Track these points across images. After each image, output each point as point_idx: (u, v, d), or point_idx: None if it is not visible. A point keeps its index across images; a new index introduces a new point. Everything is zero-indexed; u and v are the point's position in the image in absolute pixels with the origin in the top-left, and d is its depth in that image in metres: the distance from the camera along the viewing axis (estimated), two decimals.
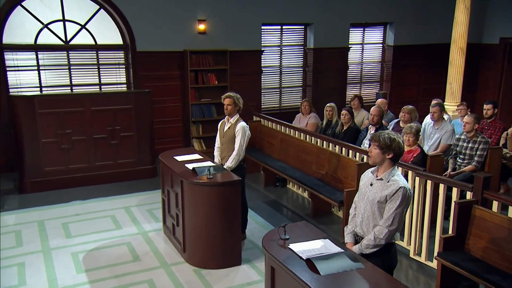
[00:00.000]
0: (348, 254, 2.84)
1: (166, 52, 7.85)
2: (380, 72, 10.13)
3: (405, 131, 5.44)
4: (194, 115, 8.13)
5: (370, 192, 3.00)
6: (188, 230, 4.53)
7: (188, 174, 4.48)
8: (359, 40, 9.76)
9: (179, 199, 4.57)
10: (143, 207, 6.02)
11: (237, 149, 4.83)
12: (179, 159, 4.97)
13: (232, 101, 4.87)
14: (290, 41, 9.13)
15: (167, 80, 7.98)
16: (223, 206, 4.34)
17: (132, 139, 6.98)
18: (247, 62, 8.53)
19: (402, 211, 2.90)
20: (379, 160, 2.96)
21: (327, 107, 6.94)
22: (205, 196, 4.34)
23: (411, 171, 4.57)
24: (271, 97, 9.17)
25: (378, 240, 2.92)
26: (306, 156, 6.02)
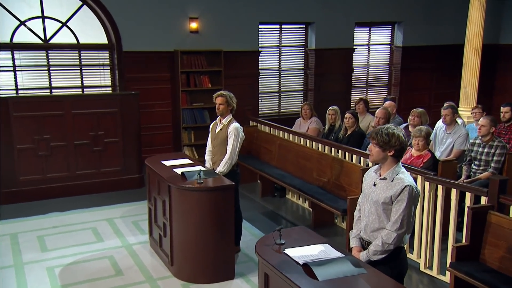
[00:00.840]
0: (349, 259, 2.83)
1: (155, 53, 7.91)
2: (387, 75, 10.20)
3: (414, 134, 5.45)
4: (186, 120, 8.15)
5: (373, 193, 3.00)
6: (176, 241, 4.51)
7: (177, 179, 4.48)
8: (364, 41, 9.85)
9: (167, 207, 4.55)
10: (128, 219, 6.00)
11: (229, 152, 4.84)
12: (167, 164, 4.98)
13: (225, 100, 4.89)
14: (289, 41, 9.21)
15: (156, 82, 8.03)
16: (214, 214, 4.32)
17: (117, 145, 6.99)
18: (243, 64, 8.59)
19: (410, 212, 2.90)
20: (380, 159, 2.97)
21: (329, 111, 6.97)
22: (194, 202, 4.32)
23: (421, 176, 4.57)
24: (269, 102, 9.22)
25: (386, 246, 2.91)
26: (306, 163, 6.02)
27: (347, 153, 5.62)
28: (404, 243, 2.99)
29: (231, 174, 4.81)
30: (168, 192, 4.47)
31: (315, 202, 5.36)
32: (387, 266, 2.88)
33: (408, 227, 2.93)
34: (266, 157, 6.90)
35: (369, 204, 3.04)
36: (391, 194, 2.90)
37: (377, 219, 2.99)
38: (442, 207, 4.43)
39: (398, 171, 2.96)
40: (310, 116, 7.25)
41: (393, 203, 2.91)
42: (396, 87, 10.16)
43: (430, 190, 4.49)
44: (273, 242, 3.07)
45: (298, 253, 2.91)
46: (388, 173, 2.96)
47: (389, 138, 2.90)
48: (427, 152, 5.42)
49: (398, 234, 2.89)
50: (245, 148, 7.38)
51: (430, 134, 5.57)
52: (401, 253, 3.01)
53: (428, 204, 4.54)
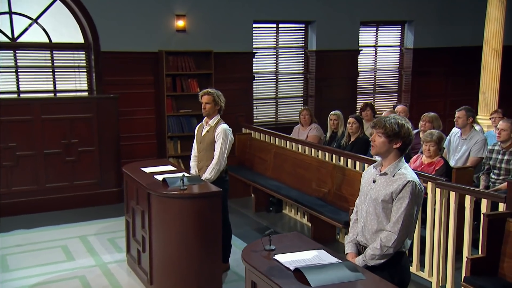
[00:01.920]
0: (346, 264, 2.84)
1: (137, 53, 7.98)
2: (397, 80, 10.29)
3: (424, 139, 5.49)
4: (171, 129, 8.18)
5: (373, 190, 3.02)
6: (156, 256, 4.50)
7: (157, 186, 4.50)
8: (371, 42, 9.96)
9: (146, 218, 4.56)
10: (103, 236, 6.00)
11: (217, 156, 4.86)
12: (148, 171, 5.00)
13: (212, 99, 4.94)
14: (287, 42, 9.30)
15: (138, 86, 8.07)
16: (199, 225, 4.33)
17: (92, 155, 7.01)
18: (236, 67, 8.67)
19: (413, 211, 2.91)
20: (384, 151, 2.99)
21: (331, 116, 7.02)
22: (177, 211, 4.33)
23: (431, 182, 4.59)
24: (265, 109, 9.27)
25: (385, 249, 2.92)
26: (304, 172, 6.05)
27: (350, 159, 5.65)
28: (405, 247, 3.00)
29: (219, 181, 4.83)
30: (148, 200, 4.48)
31: (314, 215, 5.38)
32: (386, 273, 2.88)
33: (410, 228, 2.94)
34: (261, 167, 6.92)
35: (367, 203, 3.06)
36: (392, 191, 2.92)
37: (376, 220, 3.00)
38: (455, 216, 4.44)
39: (400, 166, 2.98)
40: (310, 122, 7.30)
41: (394, 201, 2.93)
42: (406, 94, 10.24)
43: (442, 198, 4.51)
44: (261, 248, 3.07)
45: (290, 258, 2.92)
46: (389, 167, 2.99)
47: (399, 128, 2.94)
48: (440, 159, 5.45)
49: (399, 236, 2.90)
50: (237, 158, 7.42)
51: (443, 139, 5.61)
52: (403, 259, 3.01)
53: (440, 214, 4.55)
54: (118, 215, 6.57)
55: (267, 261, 2.94)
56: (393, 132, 2.93)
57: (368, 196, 3.05)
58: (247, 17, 8.68)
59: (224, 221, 4.87)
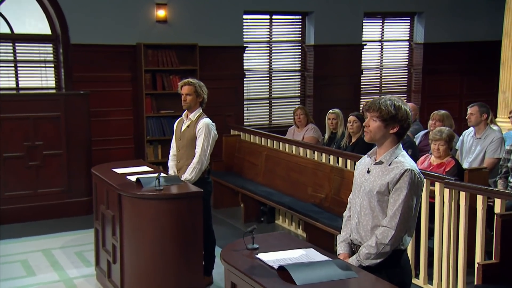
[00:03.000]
0: (337, 262, 2.85)
1: (112, 46, 8.02)
2: (406, 79, 10.37)
3: (432, 137, 5.53)
4: (151, 132, 8.20)
5: (367, 181, 3.05)
6: (129, 267, 4.49)
7: (130, 187, 4.51)
8: (376, 36, 10.04)
9: (117, 223, 4.57)
10: (69, 249, 6.00)
11: (198, 154, 4.89)
12: (120, 172, 5.02)
13: (193, 89, 4.97)
14: (282, 35, 9.38)
15: (113, 84, 8.11)
16: (178, 230, 4.33)
17: (60, 160, 7.02)
18: (224, 63, 8.72)
19: (412, 203, 2.93)
20: (379, 137, 3.01)
21: (329, 114, 7.07)
22: (152, 215, 4.34)
23: (439, 182, 4.62)
24: (257, 111, 9.32)
25: (382, 247, 2.93)
26: (299, 176, 6.08)
27: (349, 160, 5.67)
28: (404, 245, 3.01)
29: (200, 183, 4.85)
30: (119, 203, 4.49)
31: (309, 222, 5.39)
32: (384, 274, 2.89)
33: (409, 223, 2.95)
34: (251, 173, 6.95)
35: (361, 196, 3.08)
36: (388, 181, 2.94)
37: (371, 214, 3.01)
38: (466, 219, 4.46)
39: (397, 153, 3.01)
40: (306, 123, 7.35)
41: (390, 193, 2.95)
42: (416, 94, 10.31)
43: (451, 200, 4.53)
44: (243, 247, 3.09)
45: (274, 257, 2.94)
46: (385, 155, 3.01)
47: (396, 111, 2.95)
48: (450, 159, 5.48)
49: (396, 231, 2.91)
50: (224, 163, 7.45)
51: (454, 138, 5.65)
52: (402, 258, 3.02)
53: (449, 219, 4.57)
54: (88, 227, 6.53)
55: (249, 260, 2.95)
56: (389, 115, 2.95)
57: (362, 188, 3.07)
58: (236, 7, 8.75)
59: (206, 228, 4.88)
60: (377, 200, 2.98)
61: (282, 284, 2.66)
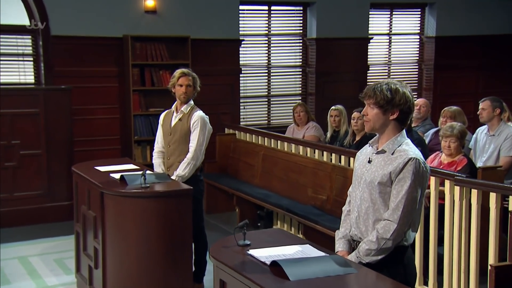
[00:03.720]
0: (335, 258, 2.87)
1: (97, 39, 8.04)
2: (417, 75, 10.40)
3: (443, 133, 5.57)
4: (139, 131, 8.22)
5: (368, 172, 3.07)
6: (112, 272, 4.51)
7: (113, 185, 4.54)
8: (384, 29, 10.09)
9: (99, 225, 4.58)
10: (48, 257, 6.03)
11: (193, 149, 4.92)
12: (103, 170, 5.05)
13: (192, 81, 5.03)
14: (282, 28, 9.43)
15: (97, 79, 8.12)
16: (165, 231, 4.34)
17: (38, 160, 7.03)
18: (219, 57, 8.75)
19: (416, 195, 2.95)
20: (379, 125, 3.04)
21: (332, 111, 7.10)
22: (137, 215, 4.36)
23: (448, 180, 4.64)
24: (255, 110, 9.36)
25: (383, 242, 2.95)
26: (298, 177, 6.10)
27: (352, 158, 5.68)
28: (408, 241, 3.02)
29: (192, 180, 4.88)
30: (101, 202, 4.51)
31: (309, 226, 5.41)
32: (385, 272, 2.89)
33: (413, 216, 2.97)
34: (247, 174, 6.98)
35: (361, 188, 3.10)
36: (391, 170, 2.97)
37: (372, 207, 3.03)
38: (478, 220, 4.47)
39: (401, 141, 3.03)
40: (306, 121, 7.38)
41: (393, 183, 2.96)
42: (428, 92, 10.34)
43: (462, 199, 4.55)
44: (234, 244, 3.11)
45: (267, 253, 2.95)
46: (387, 144, 3.04)
47: (392, 95, 2.98)
48: (462, 157, 5.52)
49: (399, 225, 2.92)
50: (218, 164, 7.49)
51: (466, 134, 5.67)
52: (406, 255, 3.04)
53: (460, 221, 4.59)
54: (69, 233, 6.51)
55: (239, 256, 2.98)
56: (385, 100, 2.97)
57: (363, 179, 3.09)
58: None
59: (198, 231, 4.91)
60: (379, 191, 3.00)
61: (275, 280, 2.67)
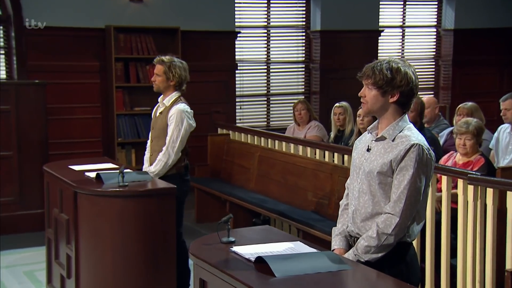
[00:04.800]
0: (328, 254, 2.88)
1: (76, 30, 8.08)
2: (433, 73, 10.43)
3: (457, 129, 5.55)
4: (123, 133, 8.23)
5: (367, 161, 3.08)
6: (86, 281, 4.50)
7: (88, 183, 4.54)
8: (397, 21, 10.14)
9: (72, 229, 4.58)
10: (18, 269, 6.02)
11: (165, 145, 4.95)
12: (78, 169, 5.06)
13: (162, 70, 5.02)
14: (283, 20, 9.47)
15: (76, 75, 8.17)
16: (145, 234, 4.34)
17: (9, 164, 7.02)
18: (212, 51, 8.79)
19: (420, 185, 2.95)
20: (377, 108, 3.05)
21: (336, 109, 7.13)
22: (114, 216, 4.36)
23: (461, 179, 4.64)
24: (252, 110, 9.39)
25: (384, 238, 2.95)
26: (297, 180, 6.11)
27: None
28: (411, 236, 3.02)
29: (176, 180, 4.88)
30: (74, 203, 4.51)
31: (308, 232, 5.41)
32: (386, 271, 2.88)
33: (416, 208, 2.97)
34: (241, 178, 7.00)
35: (360, 179, 3.10)
36: (391, 158, 2.97)
37: (371, 200, 3.03)
38: (493, 223, 4.46)
39: (402, 126, 3.04)
40: (308, 120, 7.40)
41: (394, 173, 2.97)
42: (446, 91, 10.35)
43: (476, 200, 4.55)
44: (217, 241, 3.12)
45: (252, 250, 2.96)
46: (387, 130, 3.05)
47: (392, 75, 2.98)
48: (479, 157, 5.49)
49: (401, 218, 2.92)
50: (210, 169, 7.50)
51: (483, 131, 5.66)
52: (409, 252, 3.04)
53: (474, 222, 4.59)
54: (42, 244, 6.52)
55: (222, 253, 2.99)
56: (385, 81, 2.98)
57: (361, 170, 3.10)
58: None
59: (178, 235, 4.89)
60: (379, 182, 3.00)
61: (259, 277, 2.68)
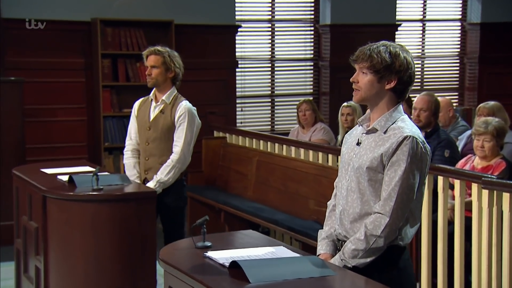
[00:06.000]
0: (311, 259, 2.86)
1: (59, 23, 8.08)
2: (458, 72, 10.40)
3: (476, 130, 5.53)
4: (110, 137, 8.25)
5: (356, 156, 3.08)
6: None
7: (59, 187, 4.57)
8: (416, 14, 10.13)
9: (41, 238, 4.59)
10: None
11: (179, 149, 4.92)
12: (50, 172, 5.09)
13: (161, 61, 5.01)
14: (289, 12, 9.49)
15: (59, 73, 8.17)
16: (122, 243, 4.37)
17: None
18: (210, 47, 8.79)
19: (413, 181, 2.94)
20: (371, 95, 3.06)
21: (344, 109, 7.16)
22: (86, 223, 4.37)
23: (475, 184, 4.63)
24: (255, 112, 9.40)
25: (373, 240, 2.94)
26: (298, 187, 6.10)
27: None
28: (404, 240, 3.01)
29: (175, 186, 4.94)
30: (43, 209, 4.53)
31: (308, 244, 5.39)
32: (377, 277, 2.87)
33: (408, 208, 2.95)
34: (238, 186, 6.99)
35: (348, 176, 3.10)
36: (382, 152, 2.97)
37: (359, 199, 3.03)
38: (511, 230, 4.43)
39: (396, 117, 3.04)
40: (313, 121, 7.40)
41: (385, 168, 2.96)
42: (472, 92, 10.31)
43: (491, 206, 4.54)
44: (192, 246, 3.12)
45: (228, 255, 2.96)
46: (379, 120, 3.05)
47: (391, 59, 3.00)
48: (500, 160, 5.48)
49: (392, 218, 2.91)
50: (204, 176, 7.51)
51: (505, 132, 5.63)
52: (402, 257, 3.03)
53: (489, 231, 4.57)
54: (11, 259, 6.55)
55: (194, 259, 2.99)
56: (383, 65, 3.00)
57: (350, 166, 3.10)
58: None
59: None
60: (368, 179, 3.00)
61: (232, 283, 2.68)
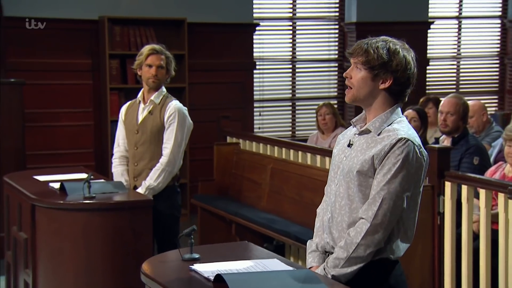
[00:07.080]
0: (303, 272, 2.84)
1: (64, 21, 8.14)
2: (498, 73, 10.33)
3: (506, 135, 5.47)
4: None
5: (347, 158, 3.05)
6: None
7: (48, 195, 4.59)
8: (451, 11, 10.10)
9: (30, 249, 4.61)
10: None
11: (169, 151, 4.96)
12: (42, 179, 5.12)
13: (166, 61, 5.08)
14: (312, 10, 9.50)
15: (64, 75, 8.23)
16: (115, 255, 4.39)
17: None
18: (225, 47, 8.81)
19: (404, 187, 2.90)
20: (364, 94, 3.01)
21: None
22: (77, 233, 4.40)
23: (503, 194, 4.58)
24: (274, 117, 9.40)
25: (352, 248, 2.90)
26: (314, 196, 6.01)
27: None
28: (395, 253, 2.98)
29: (167, 193, 4.96)
30: (32, 219, 4.54)
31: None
32: None
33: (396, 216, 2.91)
34: (252, 195, 6.95)
35: (337, 180, 3.07)
36: (374, 154, 2.93)
37: (348, 206, 3.00)
38: None
39: (392, 119, 3.01)
40: (334, 126, 7.38)
41: (376, 172, 2.92)
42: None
43: None
44: (178, 258, 3.11)
45: (215, 268, 2.94)
46: (374, 121, 3.01)
47: (389, 57, 2.96)
48: None
49: (373, 225, 2.87)
50: (216, 185, 7.46)
51: None
52: (393, 272, 3.00)
53: None
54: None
55: (179, 272, 3.00)
56: (378, 62, 2.95)
57: (340, 169, 3.07)
58: None
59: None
60: (358, 184, 2.97)
61: None
